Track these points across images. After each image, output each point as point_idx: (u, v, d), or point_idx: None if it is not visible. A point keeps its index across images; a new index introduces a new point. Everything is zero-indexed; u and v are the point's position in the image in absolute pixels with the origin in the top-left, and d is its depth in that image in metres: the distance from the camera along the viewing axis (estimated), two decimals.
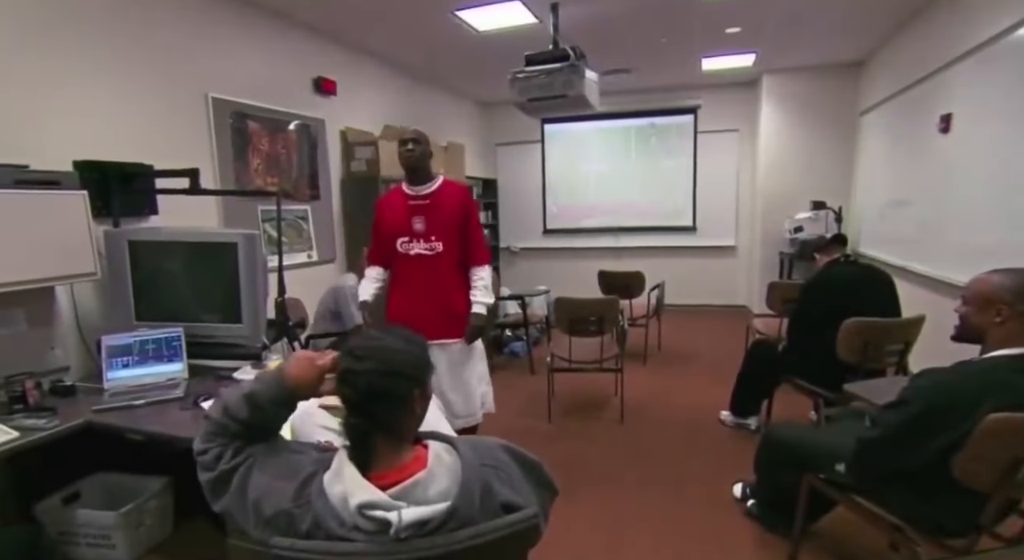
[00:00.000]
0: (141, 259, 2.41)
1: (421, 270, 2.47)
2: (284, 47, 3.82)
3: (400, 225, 2.47)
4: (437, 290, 2.47)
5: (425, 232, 2.45)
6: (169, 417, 1.95)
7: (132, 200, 2.63)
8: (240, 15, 3.44)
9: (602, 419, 3.57)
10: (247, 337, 2.48)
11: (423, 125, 5.55)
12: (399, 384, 0.97)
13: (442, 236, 2.45)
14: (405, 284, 2.51)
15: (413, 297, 2.48)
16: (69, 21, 2.47)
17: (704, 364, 4.64)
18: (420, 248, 2.46)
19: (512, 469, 1.03)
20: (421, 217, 2.45)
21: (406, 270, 2.50)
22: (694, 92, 6.50)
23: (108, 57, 2.65)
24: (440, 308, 2.47)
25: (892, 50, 4.76)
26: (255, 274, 2.43)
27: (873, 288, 2.82)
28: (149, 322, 2.40)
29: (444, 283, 2.48)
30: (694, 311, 6.63)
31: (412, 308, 2.46)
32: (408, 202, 2.48)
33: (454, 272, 2.51)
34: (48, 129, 2.38)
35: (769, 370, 3.09)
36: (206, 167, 3.18)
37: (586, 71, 3.66)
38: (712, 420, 3.44)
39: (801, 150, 5.90)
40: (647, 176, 6.88)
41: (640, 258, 6.60)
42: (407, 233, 2.47)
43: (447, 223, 2.46)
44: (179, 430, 1.84)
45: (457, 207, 2.49)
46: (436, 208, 2.46)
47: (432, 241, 2.45)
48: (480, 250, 2.57)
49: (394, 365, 0.97)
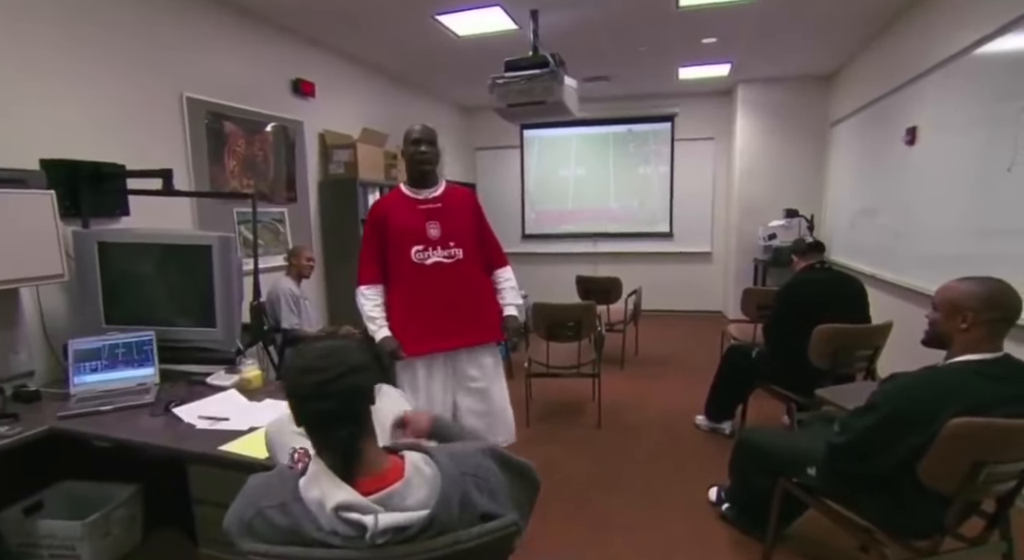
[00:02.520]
0: (111, 261, 2.35)
1: (441, 281, 2.23)
2: (262, 48, 3.77)
3: (412, 232, 2.22)
4: (464, 301, 2.25)
5: (442, 238, 2.23)
6: (139, 423, 1.91)
7: (103, 200, 2.56)
8: (217, 15, 3.38)
9: (580, 424, 3.57)
10: (221, 341, 2.44)
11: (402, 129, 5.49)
12: (369, 376, 0.97)
13: (461, 242, 2.26)
14: (422, 298, 2.22)
15: (435, 311, 2.22)
16: (39, 16, 2.41)
17: (680, 369, 4.68)
18: (438, 256, 2.22)
19: (493, 475, 1.03)
20: (436, 222, 2.23)
21: (423, 281, 2.22)
22: (671, 100, 6.59)
23: (79, 54, 2.58)
24: (469, 320, 2.27)
25: (861, 64, 4.90)
26: (230, 277, 2.39)
27: (844, 295, 2.88)
28: (119, 325, 2.35)
29: (470, 292, 2.28)
30: (671, 317, 6.67)
31: (435, 324, 2.22)
32: (418, 206, 2.25)
33: (478, 279, 2.34)
34: (15, 126, 2.31)
35: (744, 375, 3.13)
36: (180, 168, 3.12)
37: (565, 78, 3.69)
38: (688, 424, 3.47)
39: (775, 159, 6.01)
40: (625, 182, 6.93)
41: (618, 264, 6.63)
42: (422, 240, 2.21)
43: (463, 228, 2.28)
44: (149, 436, 1.80)
45: (469, 210, 2.33)
46: (449, 212, 2.26)
47: (451, 248, 2.24)
48: (500, 251, 2.45)
49: (356, 359, 0.97)
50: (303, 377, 0.94)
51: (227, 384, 2.22)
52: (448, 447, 1.08)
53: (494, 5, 3.68)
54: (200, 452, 1.69)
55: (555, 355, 3.47)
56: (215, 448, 1.68)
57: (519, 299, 2.44)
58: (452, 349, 2.30)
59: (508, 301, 2.39)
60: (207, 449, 1.69)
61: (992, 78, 2.85)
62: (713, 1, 3.69)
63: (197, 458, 1.69)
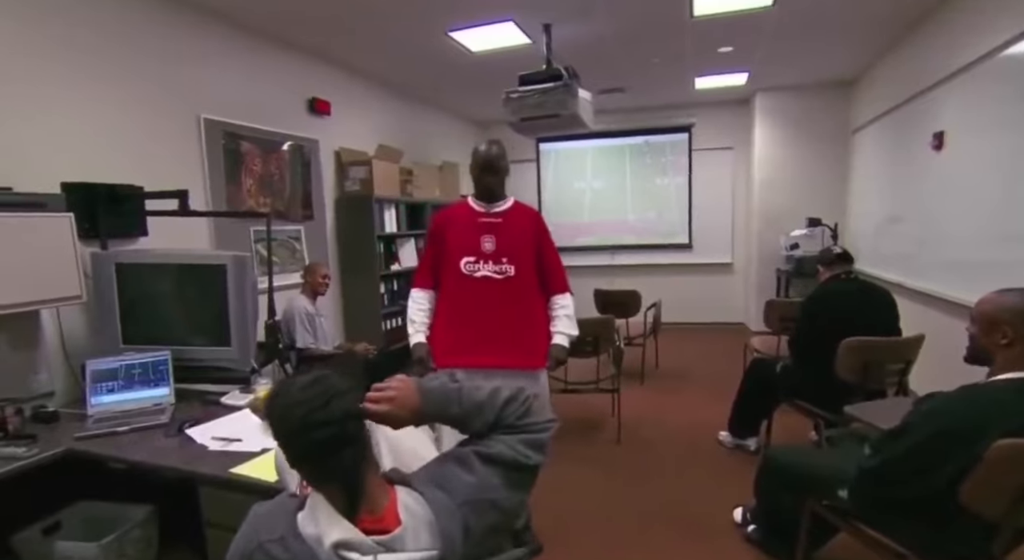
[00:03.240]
0: (128, 281, 2.38)
1: (487, 295, 2.19)
2: (278, 68, 3.84)
3: (466, 242, 2.21)
4: (508, 320, 2.19)
5: (495, 253, 2.20)
6: (153, 444, 1.91)
7: (122, 222, 2.60)
8: (232, 37, 3.45)
9: (598, 440, 3.51)
10: (236, 361, 2.46)
11: (417, 145, 5.73)
12: (357, 399, 0.96)
13: (515, 259, 2.20)
14: (464, 310, 2.21)
15: (475, 325, 2.19)
16: (59, 47, 2.47)
17: (702, 383, 4.59)
18: (488, 270, 2.20)
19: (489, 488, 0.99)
20: (491, 236, 2.21)
21: (468, 294, 2.21)
22: (688, 110, 6.53)
23: (99, 80, 2.65)
24: (511, 341, 2.19)
25: (882, 69, 4.80)
26: (244, 296, 2.40)
27: (873, 306, 2.78)
28: (137, 345, 2.36)
29: (517, 312, 2.21)
30: (691, 329, 6.55)
31: (473, 338, 2.18)
32: (478, 219, 2.24)
33: (528, 300, 2.25)
34: (38, 152, 2.37)
35: (768, 390, 3.04)
36: (198, 188, 3.17)
37: (579, 90, 3.69)
38: (710, 440, 3.38)
39: (796, 167, 5.91)
40: (642, 194, 6.89)
41: (636, 276, 6.57)
42: (474, 252, 2.20)
43: (520, 246, 2.22)
44: (161, 458, 1.80)
45: (531, 230, 2.27)
46: (509, 228, 2.23)
47: (503, 263, 2.20)
48: (560, 276, 2.34)
49: (339, 384, 0.95)
50: (289, 413, 0.92)
51: (241, 404, 2.21)
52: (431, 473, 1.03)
53: (507, 20, 3.70)
54: (212, 475, 1.68)
55: (573, 370, 3.40)
56: (227, 470, 1.67)
57: (573, 329, 2.28)
58: (485, 367, 2.21)
59: (559, 329, 2.27)
60: (218, 471, 1.68)
61: (1021, 80, 2.75)
62: (728, 10, 3.65)
63: (209, 481, 1.68)
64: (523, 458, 1.03)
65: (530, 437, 1.06)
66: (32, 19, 2.36)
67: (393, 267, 4.69)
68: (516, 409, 1.06)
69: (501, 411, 1.05)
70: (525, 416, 1.06)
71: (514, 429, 1.05)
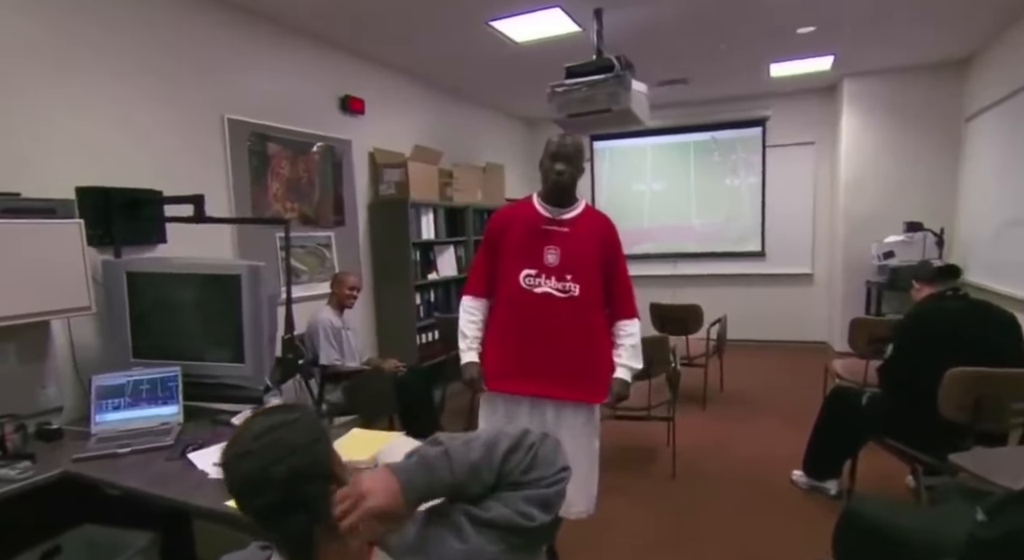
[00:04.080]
0: (140, 292, 2.41)
1: (546, 315, 2.11)
2: (308, 64, 3.89)
3: (529, 253, 2.13)
4: (568, 346, 2.12)
5: (559, 267, 2.11)
6: (152, 469, 1.89)
7: (139, 228, 2.65)
8: (258, 32, 3.51)
9: (650, 474, 3.38)
10: (249, 378, 2.44)
11: (458, 145, 5.71)
12: (317, 453, 0.88)
13: (580, 276, 2.11)
14: (521, 330, 2.14)
15: (531, 348, 2.12)
16: (77, 45, 2.56)
17: (773, 411, 4.37)
18: (550, 287, 2.10)
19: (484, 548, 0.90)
20: (556, 248, 2.12)
21: (525, 312, 2.13)
22: (762, 101, 6.32)
23: (117, 80, 2.72)
24: (568, 370, 2.13)
25: (1006, 44, 4.38)
26: (259, 309, 2.39)
27: (988, 328, 2.48)
28: (147, 360, 2.39)
29: (578, 338, 2.14)
30: (762, 349, 6.34)
31: (528, 363, 2.13)
32: (543, 225, 2.15)
33: (593, 325, 2.17)
34: (51, 156, 2.44)
35: (852, 424, 2.80)
36: (221, 192, 3.24)
37: (633, 82, 3.55)
38: (782, 480, 3.17)
39: (891, 163, 5.58)
40: (709, 196, 6.71)
41: (700, 288, 6.43)
42: (536, 264, 2.11)
43: (588, 261, 2.14)
44: (157, 485, 1.77)
45: (601, 242, 2.17)
46: (577, 239, 2.13)
47: (567, 280, 2.10)
48: (629, 299, 2.23)
49: (297, 438, 0.87)
50: (236, 466, 0.86)
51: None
52: (415, 541, 0.92)
53: (553, 6, 3.63)
54: (207, 508, 1.63)
55: None
56: (222, 503, 1.61)
57: (638, 362, 2.18)
58: (538, 397, 2.18)
59: (623, 361, 2.17)
60: (214, 504, 1.62)
61: None
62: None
63: (203, 513, 1.65)
64: (525, 520, 0.91)
65: (536, 493, 0.93)
66: (44, 16, 2.44)
67: (430, 276, 4.68)
68: (520, 462, 0.94)
69: (502, 467, 0.93)
70: (531, 470, 0.94)
71: (518, 486, 0.94)
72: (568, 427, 2.18)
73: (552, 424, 2.18)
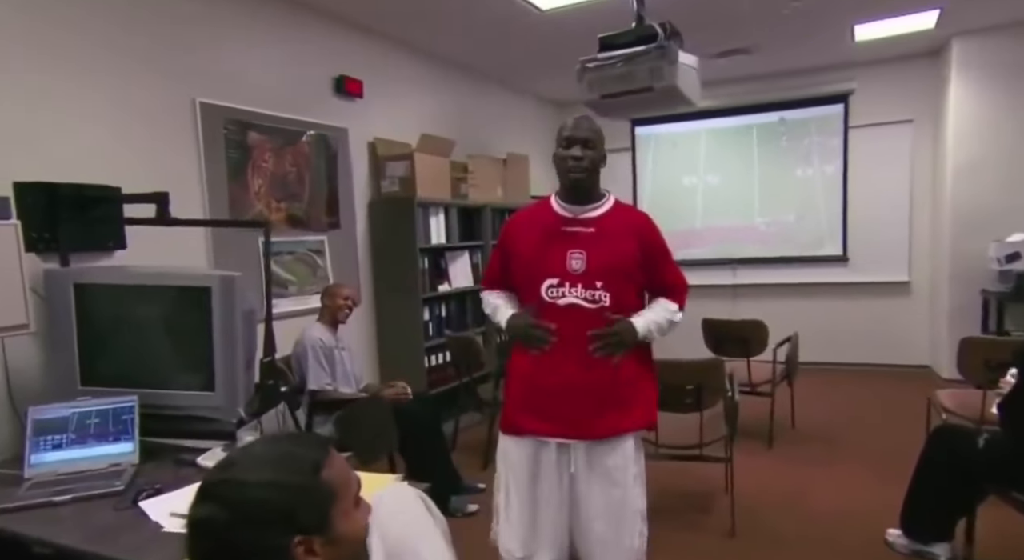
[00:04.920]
0: (91, 307, 2.38)
1: (574, 330, 2.10)
2: (296, 40, 3.91)
3: (548, 261, 2.13)
4: (599, 362, 2.11)
5: (586, 274, 2.10)
6: (96, 521, 1.84)
7: (91, 231, 2.62)
8: (239, 2, 3.52)
9: (703, 528, 3.29)
10: (221, 408, 2.40)
11: (474, 133, 5.71)
12: (261, 535, 0.85)
13: (612, 283, 2.10)
14: (548, 352, 2.14)
15: (556, 373, 2.12)
16: (11, 15, 2.54)
17: (860, 453, 4.24)
18: (576, 296, 2.10)
19: None
20: (581, 252, 2.11)
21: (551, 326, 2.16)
22: (844, 73, 6.23)
23: (67, 58, 2.73)
24: (599, 388, 2.13)
25: None
26: (233, 327, 2.35)
27: None
28: (99, 387, 2.36)
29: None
30: (845, 374, 6.23)
31: (554, 384, 2.13)
32: (563, 228, 2.15)
33: None
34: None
35: (965, 471, 2.68)
36: (192, 190, 3.25)
37: (680, 55, 3.45)
38: (874, 541, 3.04)
39: (1015, 144, 5.45)
40: (775, 190, 6.69)
41: (764, 300, 6.47)
42: (559, 273, 2.12)
43: (620, 264, 2.13)
44: (99, 542, 1.71)
45: (638, 240, 2.16)
46: (606, 239, 2.13)
47: (596, 289, 2.09)
48: (680, 295, 2.25)
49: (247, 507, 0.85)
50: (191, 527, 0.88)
51: None
52: None
53: None
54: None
55: (669, 430, 3.19)
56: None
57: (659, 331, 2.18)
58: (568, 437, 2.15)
59: (646, 315, 2.17)
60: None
61: None
62: None
63: None
64: None
65: None
66: None
67: (441, 288, 4.70)
68: None
69: None
70: None
71: None
72: (603, 472, 2.15)
73: (583, 467, 2.15)
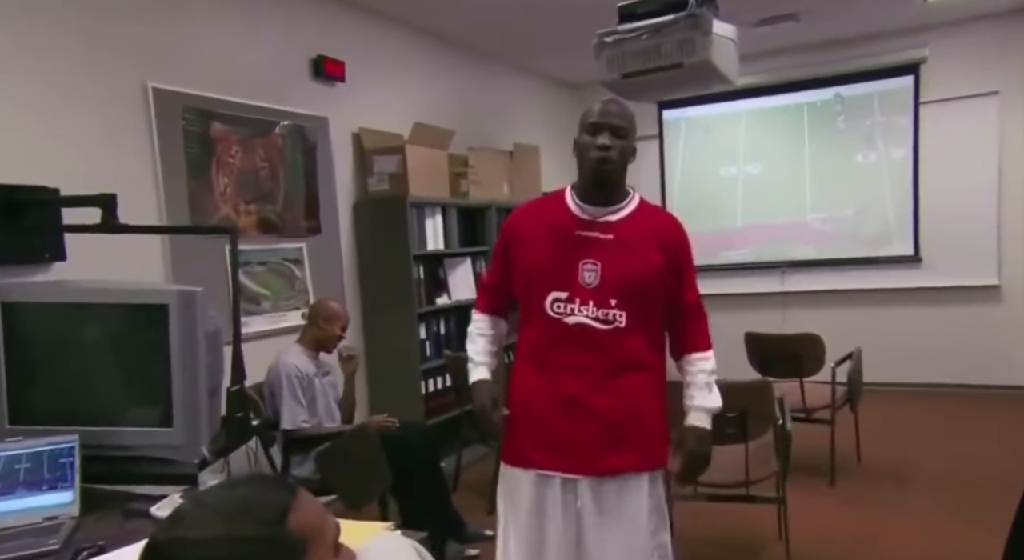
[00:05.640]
0: (21, 329, 2.35)
1: (584, 351, 2.08)
2: (267, 14, 3.91)
3: (557, 270, 2.10)
4: (610, 390, 2.09)
5: (599, 289, 2.06)
6: None
7: (22, 240, 2.65)
8: None
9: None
10: (179, 447, 2.35)
11: (476, 121, 5.68)
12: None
13: (628, 301, 2.06)
14: (549, 374, 2.14)
15: (561, 404, 2.10)
16: None
17: (941, 492, 4.17)
18: (585, 315, 2.07)
19: None
20: (595, 262, 2.07)
21: (555, 349, 2.12)
22: (913, 38, 6.17)
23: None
24: (611, 422, 2.09)
25: None
26: (194, 351, 2.31)
27: None
28: (31, 426, 2.31)
29: (625, 383, 2.10)
30: (920, 397, 6.21)
31: (559, 413, 2.10)
32: (577, 232, 2.12)
33: (644, 364, 2.14)
34: None
35: None
36: (146, 190, 3.25)
37: (715, 24, 3.47)
38: None
39: None
40: (830, 179, 6.66)
41: (821, 309, 6.46)
42: (568, 286, 2.08)
43: (640, 280, 2.08)
44: None
45: (663, 251, 2.11)
46: (626, 249, 2.09)
47: (611, 307, 2.06)
48: (702, 324, 2.22)
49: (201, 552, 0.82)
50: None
51: None
52: None
53: None
54: None
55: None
56: None
57: (715, 400, 2.16)
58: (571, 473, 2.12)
59: (697, 402, 2.15)
60: None
61: None
62: None
63: None
64: None
65: None
66: None
67: (439, 301, 4.71)
68: None
69: None
70: None
71: None
72: (617, 516, 2.10)
73: (591, 510, 2.10)
